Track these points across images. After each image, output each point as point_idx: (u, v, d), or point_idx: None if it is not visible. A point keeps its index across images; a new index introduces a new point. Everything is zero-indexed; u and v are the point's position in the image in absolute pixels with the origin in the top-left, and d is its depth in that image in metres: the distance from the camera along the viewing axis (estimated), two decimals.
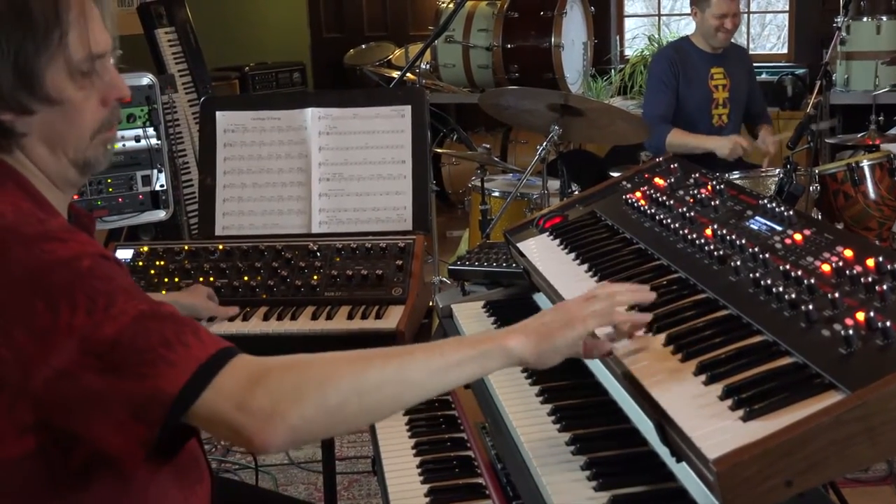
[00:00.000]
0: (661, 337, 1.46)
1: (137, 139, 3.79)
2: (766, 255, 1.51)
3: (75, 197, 1.50)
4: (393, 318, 2.26)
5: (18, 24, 1.28)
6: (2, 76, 1.29)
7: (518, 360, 1.39)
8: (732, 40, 4.55)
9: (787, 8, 7.51)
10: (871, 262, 1.36)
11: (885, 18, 5.90)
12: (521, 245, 2.13)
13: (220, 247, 2.48)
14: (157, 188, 3.84)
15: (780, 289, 1.40)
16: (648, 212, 1.91)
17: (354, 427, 1.32)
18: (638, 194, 2.02)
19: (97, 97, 1.38)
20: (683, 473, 1.38)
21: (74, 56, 1.33)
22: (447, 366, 1.32)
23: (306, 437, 1.25)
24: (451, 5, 6.59)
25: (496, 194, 4.39)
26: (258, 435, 1.19)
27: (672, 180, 2.00)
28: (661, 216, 1.85)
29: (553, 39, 6.36)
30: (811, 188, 4.09)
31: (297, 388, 1.21)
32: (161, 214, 3.90)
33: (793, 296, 1.37)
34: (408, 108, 2.63)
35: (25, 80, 1.30)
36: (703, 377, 1.32)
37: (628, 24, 8.02)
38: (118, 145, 3.66)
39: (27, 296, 1.20)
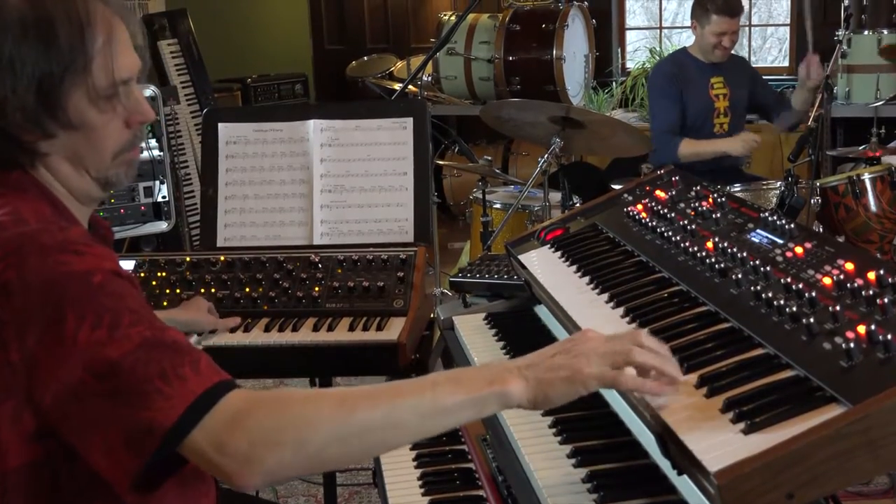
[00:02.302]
0: None
1: (140, 150, 3.80)
2: (768, 268, 1.51)
3: None
4: (394, 329, 2.26)
5: (44, 50, 1.30)
6: (24, 99, 1.30)
7: (514, 406, 1.31)
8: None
9: (788, 21, 7.52)
10: (871, 276, 1.36)
11: (885, 32, 5.91)
12: (522, 257, 2.13)
13: (222, 258, 2.49)
14: (159, 199, 3.85)
15: (782, 302, 1.40)
16: (649, 224, 1.91)
17: (342, 467, 1.28)
18: (639, 207, 2.02)
19: (121, 120, 1.40)
20: (685, 486, 1.38)
21: (98, 83, 1.34)
22: (439, 410, 1.26)
23: (285, 478, 1.23)
24: (452, 17, 6.60)
25: (497, 206, 4.39)
26: (236, 476, 1.19)
27: (673, 193, 2.01)
28: (663, 229, 1.85)
29: (554, 52, 6.37)
30: (812, 201, 4.09)
31: (275, 432, 1.19)
32: (163, 226, 3.90)
33: (794, 309, 1.37)
34: (409, 120, 2.63)
35: (47, 104, 1.31)
36: (704, 390, 1.32)
37: (630, 36, 8.02)
38: None
39: (40, 304, 1.21)
